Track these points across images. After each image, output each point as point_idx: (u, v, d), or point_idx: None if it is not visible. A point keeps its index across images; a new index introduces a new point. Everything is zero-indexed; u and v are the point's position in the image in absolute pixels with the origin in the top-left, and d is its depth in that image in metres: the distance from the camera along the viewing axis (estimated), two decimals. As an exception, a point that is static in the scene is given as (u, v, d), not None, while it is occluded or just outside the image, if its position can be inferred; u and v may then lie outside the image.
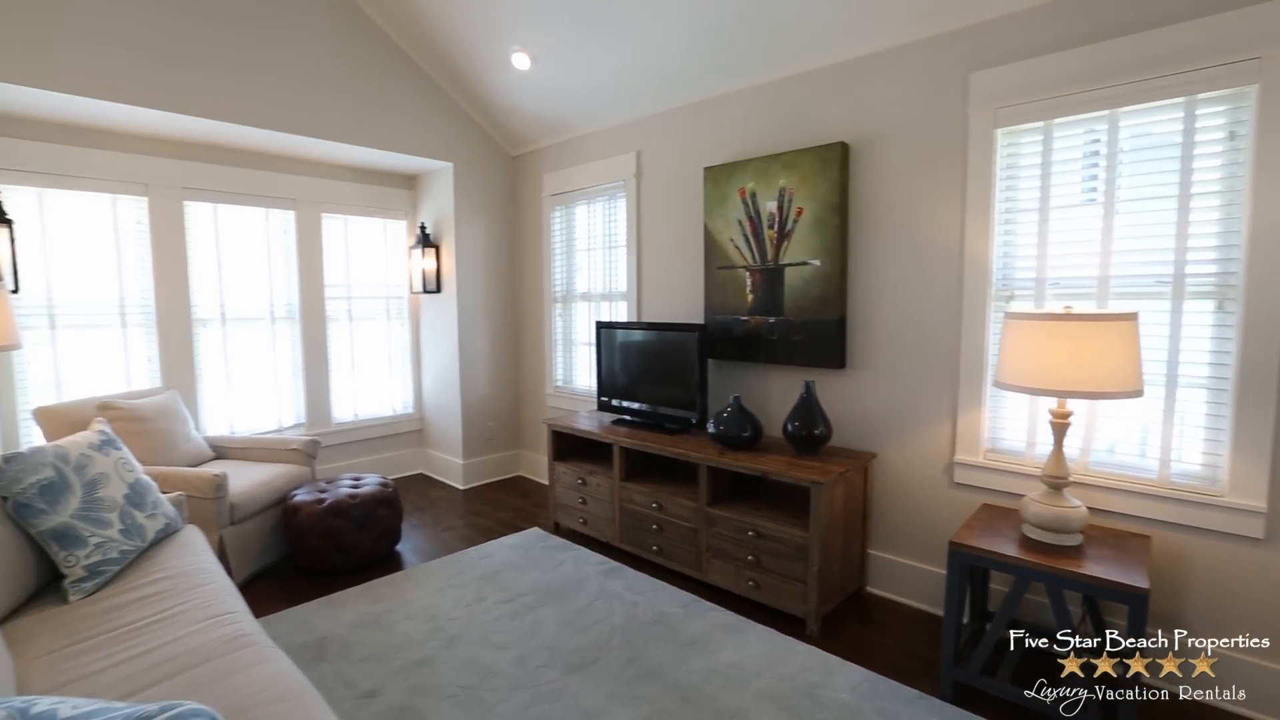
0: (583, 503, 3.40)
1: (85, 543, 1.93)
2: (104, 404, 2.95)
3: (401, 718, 1.98)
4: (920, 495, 2.66)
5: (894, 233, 2.66)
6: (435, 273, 4.39)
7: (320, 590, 2.84)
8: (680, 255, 3.46)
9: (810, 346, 2.87)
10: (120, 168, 3.35)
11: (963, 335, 2.49)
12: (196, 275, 3.66)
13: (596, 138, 3.90)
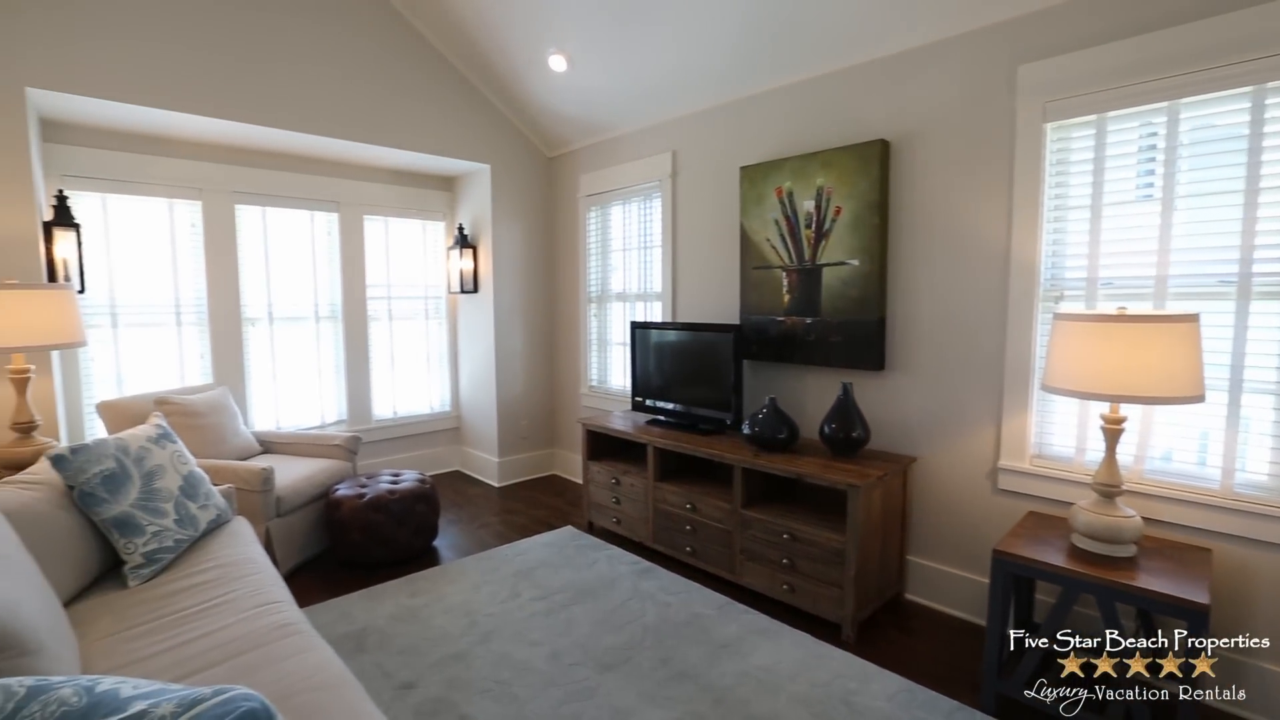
0: (616, 502, 3.41)
1: (143, 531, 2.02)
2: (160, 399, 3.09)
3: (437, 710, 2.02)
4: (962, 501, 2.58)
5: (936, 231, 2.59)
6: (473, 273, 4.46)
7: (360, 583, 2.92)
8: (715, 255, 3.44)
9: (848, 347, 2.82)
10: (176, 173, 3.50)
11: (1008, 336, 2.41)
12: (246, 276, 3.79)
13: (632, 138, 3.91)
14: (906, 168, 2.65)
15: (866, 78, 2.76)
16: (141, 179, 3.40)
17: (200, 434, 3.12)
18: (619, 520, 3.41)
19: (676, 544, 3.09)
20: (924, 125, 2.59)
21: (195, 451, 3.02)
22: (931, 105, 2.57)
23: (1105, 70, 2.12)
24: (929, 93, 2.57)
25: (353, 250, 4.21)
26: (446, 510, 3.90)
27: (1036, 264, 2.33)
